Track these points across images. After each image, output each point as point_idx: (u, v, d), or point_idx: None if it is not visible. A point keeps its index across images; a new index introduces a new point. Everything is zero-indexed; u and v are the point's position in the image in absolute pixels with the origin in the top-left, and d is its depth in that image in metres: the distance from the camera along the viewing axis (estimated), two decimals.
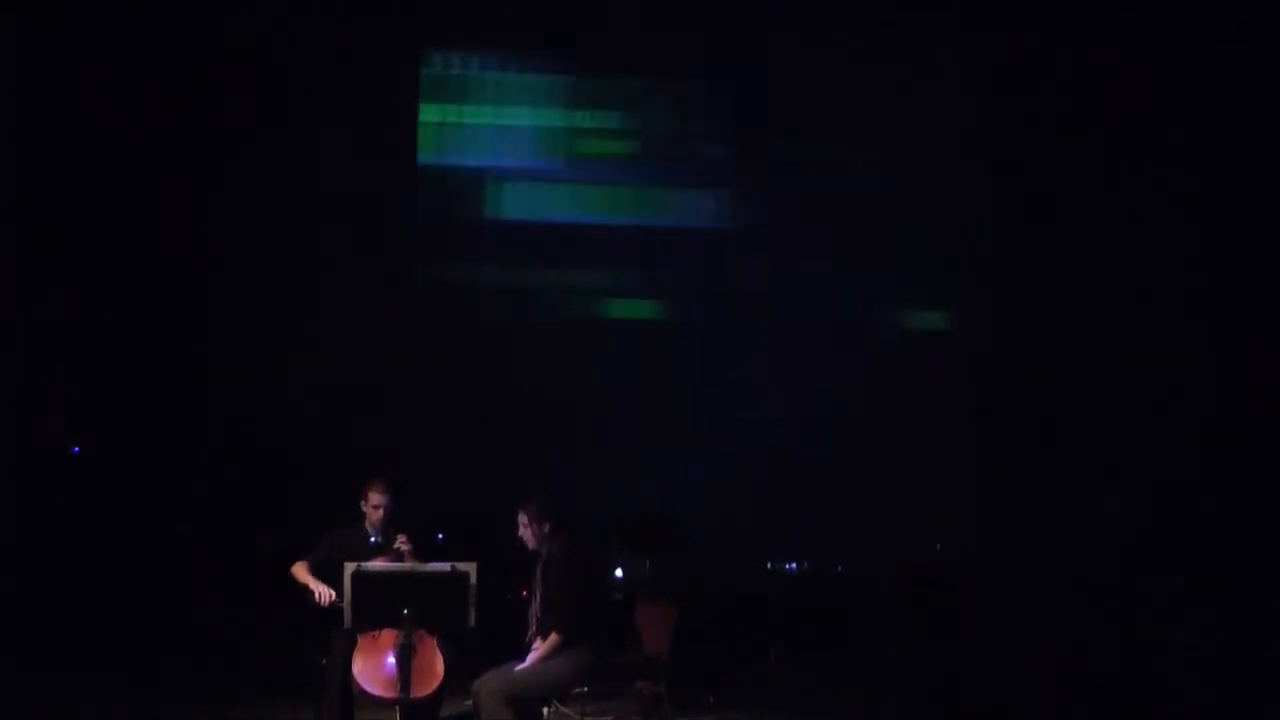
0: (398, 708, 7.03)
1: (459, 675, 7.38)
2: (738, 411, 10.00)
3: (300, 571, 7.58)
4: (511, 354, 10.14)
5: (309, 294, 9.96)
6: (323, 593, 7.30)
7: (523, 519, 7.52)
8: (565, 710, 7.66)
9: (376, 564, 7.16)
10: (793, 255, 10.23)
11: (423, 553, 7.57)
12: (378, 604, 6.93)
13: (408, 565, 7.21)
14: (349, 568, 6.96)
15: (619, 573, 9.25)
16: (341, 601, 6.96)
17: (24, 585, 8.95)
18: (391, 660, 7.10)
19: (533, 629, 7.47)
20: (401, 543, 7.56)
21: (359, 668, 7.25)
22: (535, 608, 7.53)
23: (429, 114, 10.40)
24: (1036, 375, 9.89)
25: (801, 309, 10.15)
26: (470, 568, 7.06)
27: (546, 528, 7.49)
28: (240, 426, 9.67)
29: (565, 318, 10.32)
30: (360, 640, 7.28)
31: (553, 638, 7.23)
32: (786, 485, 9.76)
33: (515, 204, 10.56)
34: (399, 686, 7.02)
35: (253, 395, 9.76)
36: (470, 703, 7.26)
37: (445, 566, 7.10)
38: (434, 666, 7.26)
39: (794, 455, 9.80)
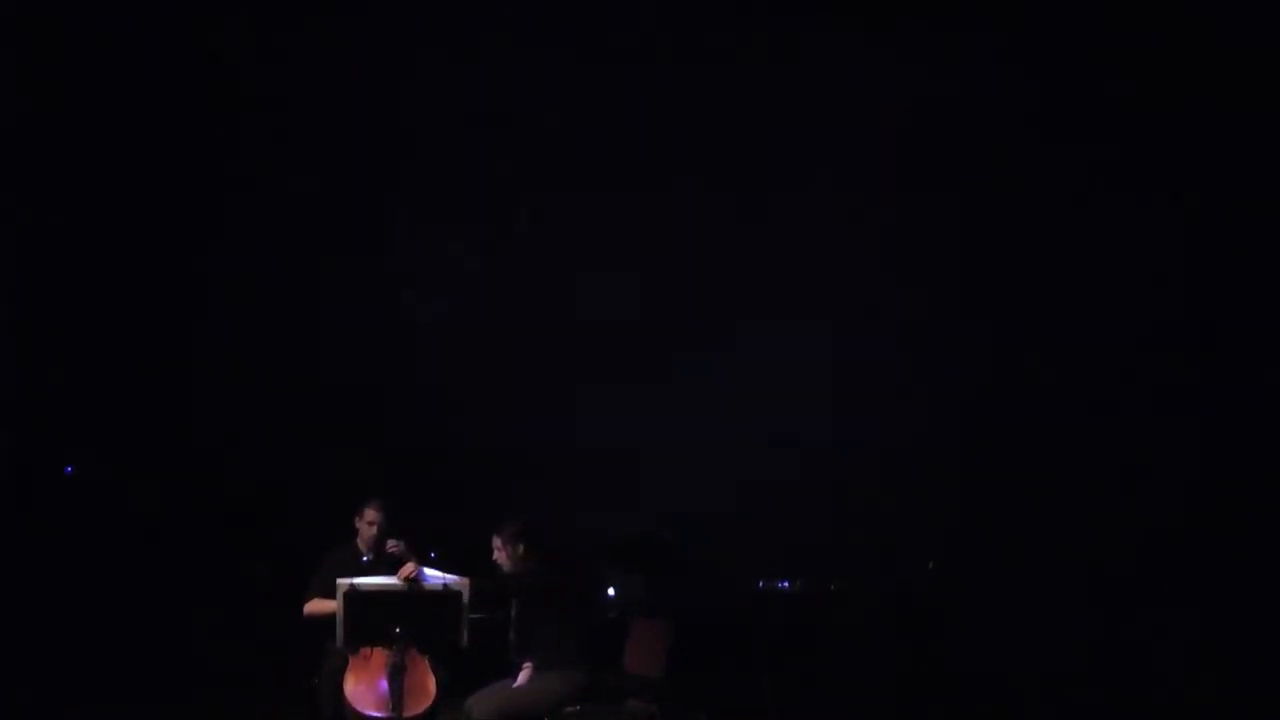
0: None
1: (452, 695, 7.37)
2: (732, 428, 9.98)
3: (319, 605, 7.54)
4: (506, 375, 10.12)
5: (304, 317, 9.93)
6: None
7: (497, 542, 7.54)
8: None
9: (370, 581, 7.13)
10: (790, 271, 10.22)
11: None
12: (371, 622, 6.92)
13: (401, 584, 7.19)
14: (342, 585, 6.95)
15: (611, 592, 9.24)
16: None
17: (14, 606, 8.90)
18: (384, 680, 7.08)
19: (510, 647, 7.49)
20: (393, 546, 7.55)
21: (351, 688, 7.23)
22: (512, 630, 7.54)
23: None
24: (1032, 385, 9.88)
25: (796, 324, 10.15)
26: (463, 586, 7.06)
27: (521, 550, 7.49)
28: (235, 449, 9.63)
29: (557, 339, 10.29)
30: (352, 660, 7.27)
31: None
32: (780, 502, 9.74)
33: None
34: (391, 706, 7.00)
35: (247, 420, 9.72)
36: None
37: (438, 585, 7.09)
38: (426, 686, 7.25)
39: (788, 471, 9.78)
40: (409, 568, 7.22)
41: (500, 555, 7.53)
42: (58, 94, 9.33)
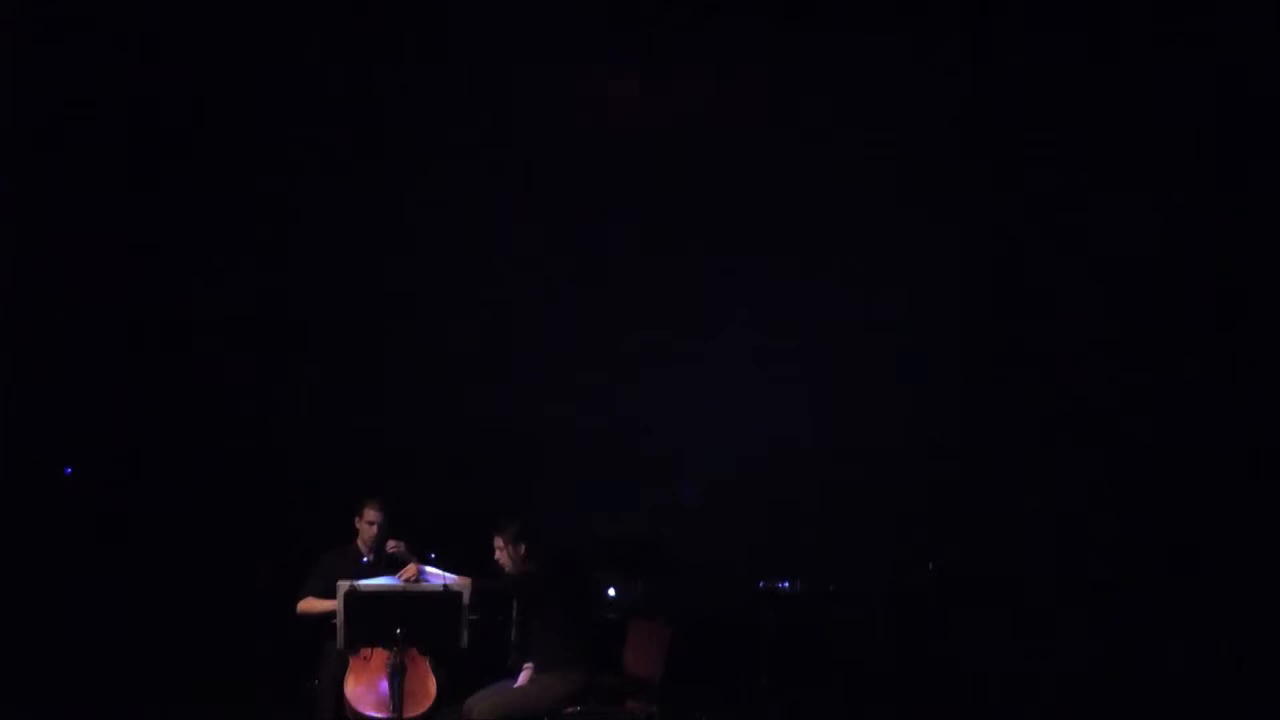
0: None
1: (452, 696, 7.38)
2: (730, 429, 9.98)
3: (312, 603, 7.57)
4: (503, 377, 10.12)
5: (302, 316, 9.90)
6: None
7: (498, 542, 7.56)
8: None
9: (370, 583, 7.15)
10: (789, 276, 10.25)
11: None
12: (371, 623, 6.93)
13: (401, 585, 7.20)
14: (342, 587, 6.97)
15: (612, 592, 9.24)
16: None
17: (14, 607, 8.90)
18: (384, 681, 7.10)
19: (513, 647, 7.51)
20: (393, 546, 7.57)
21: (351, 689, 7.25)
22: (514, 631, 7.56)
23: None
24: (1032, 384, 9.91)
25: (794, 326, 10.16)
26: (464, 586, 7.07)
27: (523, 550, 7.51)
28: (234, 450, 9.61)
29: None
30: (352, 661, 7.29)
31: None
32: (779, 504, 9.75)
33: None
34: (392, 707, 7.01)
35: (246, 418, 9.70)
36: None
37: (438, 586, 7.11)
38: (426, 687, 7.27)
39: (787, 473, 9.78)
40: (411, 569, 7.23)
41: (501, 555, 7.55)
42: (58, 91, 9.34)
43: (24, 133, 9.24)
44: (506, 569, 7.53)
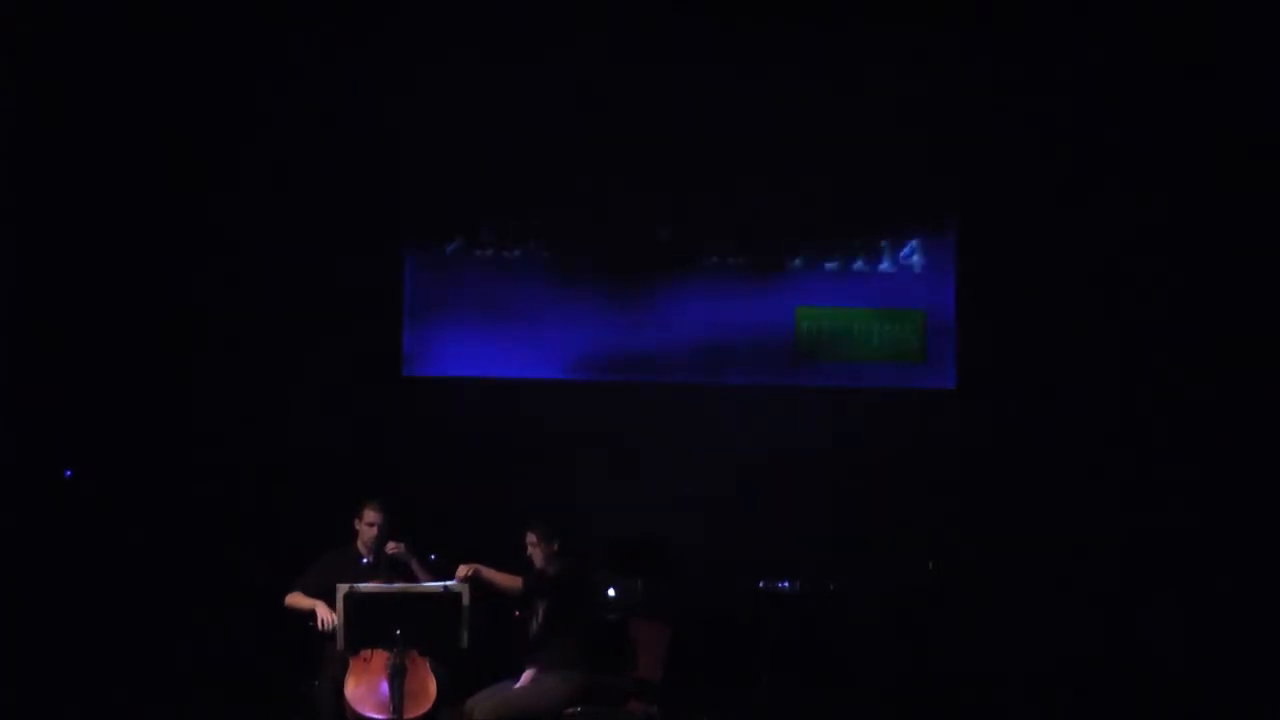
0: None
1: (452, 696, 7.37)
2: (728, 428, 9.97)
3: (298, 599, 7.58)
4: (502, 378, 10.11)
5: (301, 316, 9.88)
6: (326, 617, 7.29)
7: (531, 538, 7.58)
8: None
9: (370, 585, 7.15)
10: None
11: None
12: (370, 625, 6.93)
13: (400, 585, 7.20)
14: (341, 589, 6.97)
15: (612, 592, 9.23)
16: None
17: (14, 608, 8.89)
18: (384, 682, 7.09)
19: (533, 646, 7.50)
20: (393, 547, 7.58)
21: (351, 690, 7.25)
22: (535, 627, 7.55)
23: None
24: (1031, 387, 9.90)
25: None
26: (464, 588, 7.08)
27: (555, 547, 7.54)
28: (233, 450, 9.58)
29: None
30: (352, 662, 7.29)
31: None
32: (778, 503, 9.74)
33: None
34: (392, 708, 7.01)
35: (246, 419, 9.67)
36: None
37: (439, 586, 7.12)
38: (427, 688, 7.26)
39: (786, 472, 9.77)
40: (464, 569, 7.22)
41: (535, 550, 7.57)
42: (58, 91, 9.34)
43: (24, 132, 9.22)
44: (538, 565, 7.55)
